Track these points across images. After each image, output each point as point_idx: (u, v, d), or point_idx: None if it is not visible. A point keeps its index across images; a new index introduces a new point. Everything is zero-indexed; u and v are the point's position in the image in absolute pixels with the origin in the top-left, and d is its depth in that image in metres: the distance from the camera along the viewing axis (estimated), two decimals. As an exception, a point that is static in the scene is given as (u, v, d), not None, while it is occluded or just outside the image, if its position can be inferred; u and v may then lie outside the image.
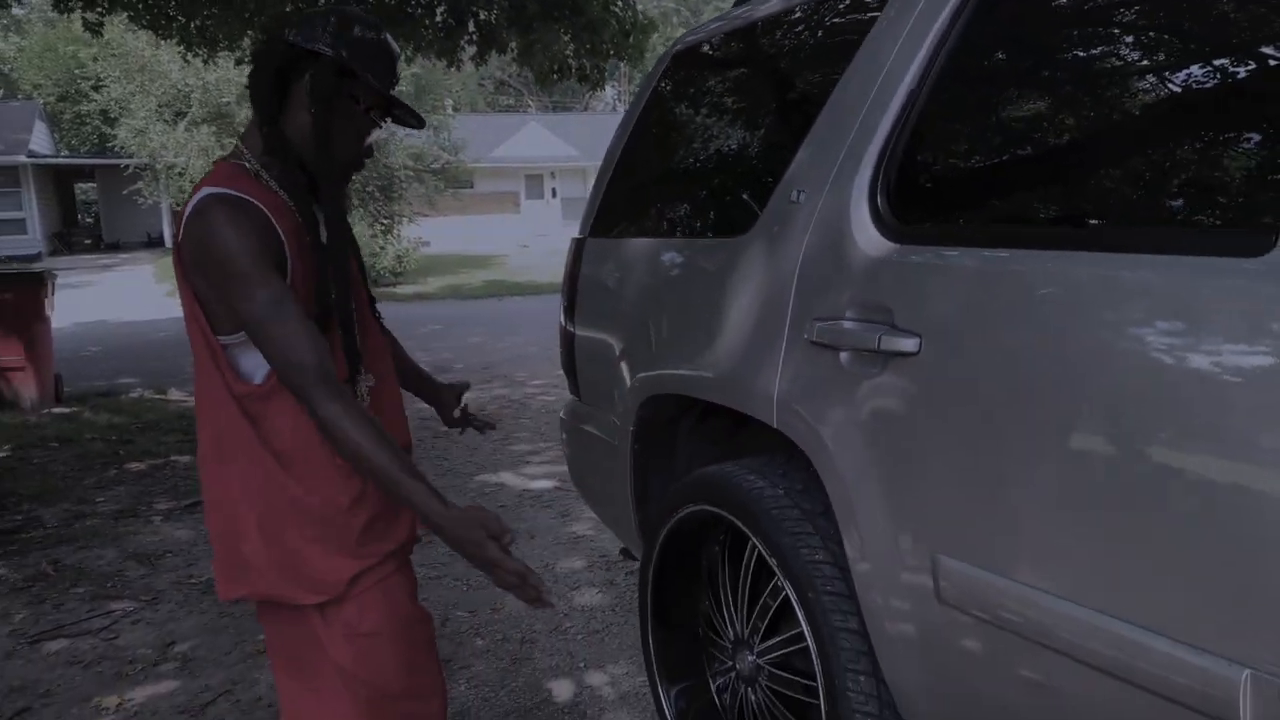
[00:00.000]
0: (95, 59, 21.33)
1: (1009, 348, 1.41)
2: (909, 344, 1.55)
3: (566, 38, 10.46)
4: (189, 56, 12.05)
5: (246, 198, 1.57)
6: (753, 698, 2.11)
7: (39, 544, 4.29)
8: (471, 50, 11.18)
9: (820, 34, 2.09)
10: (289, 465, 1.66)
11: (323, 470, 1.67)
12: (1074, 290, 1.32)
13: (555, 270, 16.00)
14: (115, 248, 27.97)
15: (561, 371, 2.87)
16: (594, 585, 3.68)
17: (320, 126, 1.64)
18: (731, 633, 2.17)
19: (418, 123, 1.83)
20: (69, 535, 4.41)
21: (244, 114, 17.02)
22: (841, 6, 2.06)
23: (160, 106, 17.59)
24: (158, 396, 8.01)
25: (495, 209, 29.34)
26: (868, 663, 1.77)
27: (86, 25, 10.84)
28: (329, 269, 1.67)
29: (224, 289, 1.56)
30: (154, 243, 27.52)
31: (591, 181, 2.83)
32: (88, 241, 28.74)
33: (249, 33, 10.59)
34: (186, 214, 1.59)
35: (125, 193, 22.22)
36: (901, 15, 1.76)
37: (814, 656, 1.82)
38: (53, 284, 7.74)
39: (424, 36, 10.94)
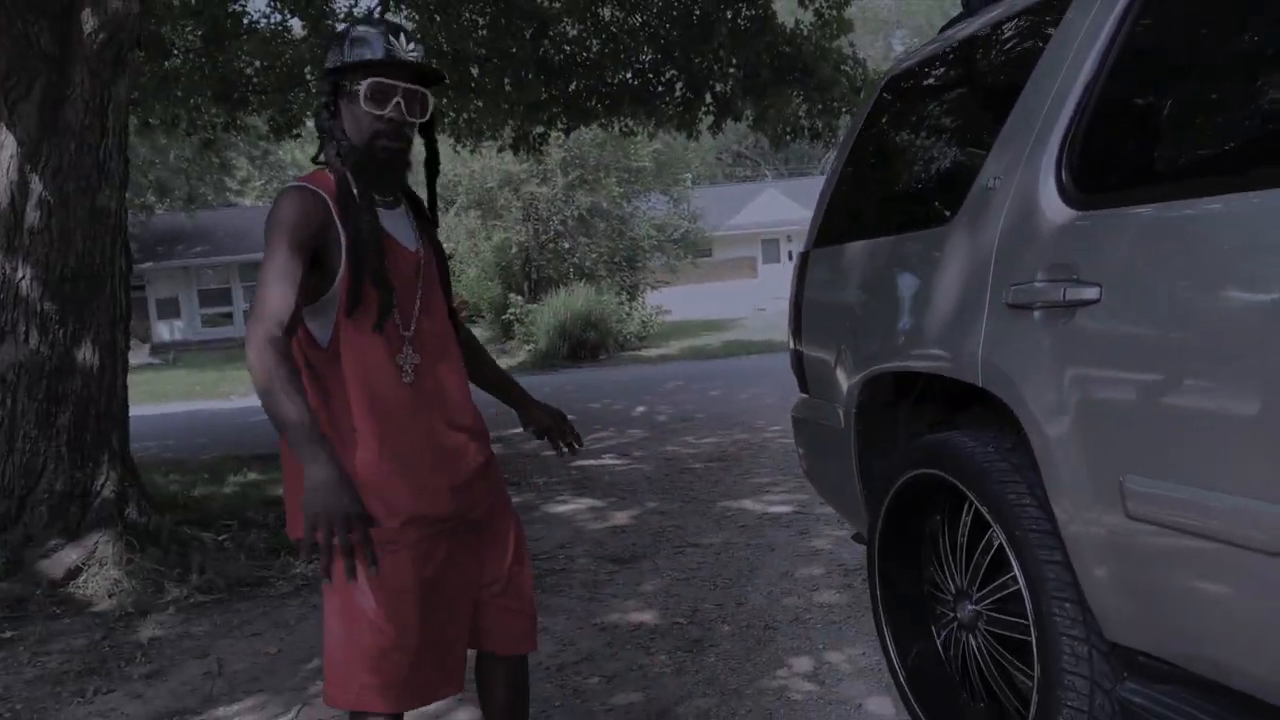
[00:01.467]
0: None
1: (1175, 286, 1.63)
2: (1091, 293, 1.79)
3: (799, 99, 10.88)
4: (458, 148, 13.51)
5: (309, 186, 1.87)
6: (973, 643, 2.32)
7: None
8: (709, 120, 11.84)
9: (1007, 49, 2.37)
10: (336, 422, 1.87)
11: (365, 433, 1.86)
12: (1225, 226, 1.54)
13: (793, 328, 16.33)
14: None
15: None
16: (832, 587, 3.92)
17: (322, 125, 1.94)
18: (952, 586, 2.40)
19: (424, 76, 1.92)
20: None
21: (504, 196, 18.69)
22: (1024, 24, 2.33)
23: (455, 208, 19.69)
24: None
25: (733, 275, 30.10)
26: (1072, 591, 1.96)
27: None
28: (354, 231, 1.86)
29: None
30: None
31: None
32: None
33: (510, 121, 11.79)
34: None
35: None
36: (1076, 23, 2.02)
37: (1024, 590, 2.03)
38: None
39: (665, 112, 11.72)
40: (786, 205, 31.44)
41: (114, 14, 4.46)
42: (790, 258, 31.10)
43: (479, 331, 21.45)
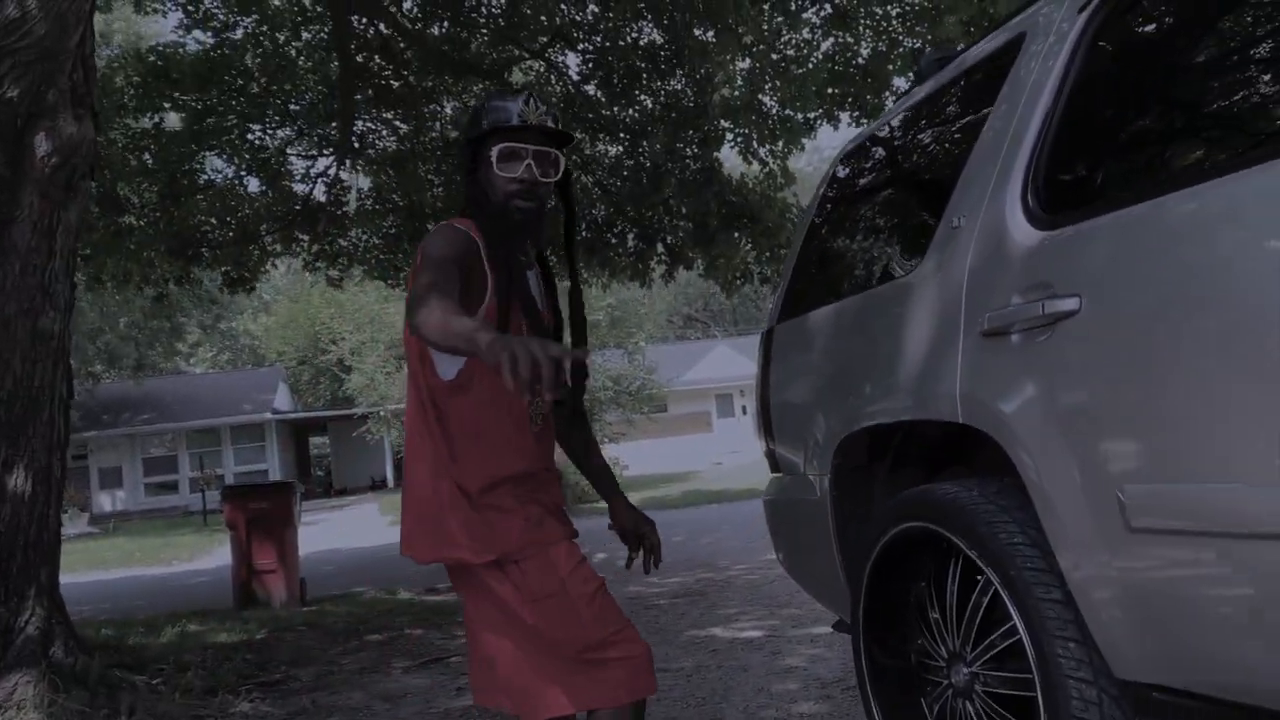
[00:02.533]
0: (332, 318, 24.14)
1: (1150, 284, 1.60)
2: (1070, 304, 1.75)
3: (747, 246, 11.17)
4: (413, 301, 13.57)
5: (460, 225, 2.02)
6: (970, 709, 2.16)
7: (296, 691, 4.70)
8: (661, 269, 12.08)
9: (961, 102, 2.43)
10: (455, 449, 1.99)
11: (483, 456, 2.00)
12: (1189, 221, 1.53)
13: (748, 479, 16.24)
14: (343, 493, 30.27)
15: (762, 556, 3.12)
16: (810, 699, 3.71)
17: (467, 189, 2.10)
18: (944, 651, 2.25)
19: (555, 138, 2.06)
20: (321, 685, 4.81)
21: (458, 353, 18.73)
22: (975, 79, 2.40)
23: (386, 350, 19.61)
24: (389, 595, 8.57)
25: (689, 429, 30.13)
26: (1075, 630, 1.84)
27: (329, 281, 12.44)
28: (502, 275, 2.00)
29: (414, 276, 1.89)
30: (377, 485, 29.64)
31: None
32: (319, 489, 31.29)
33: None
34: None
35: (354, 435, 24.40)
36: (1027, 68, 2.08)
37: (1024, 635, 1.91)
38: (299, 495, 8.63)
39: (618, 262, 11.95)
40: (738, 360, 31.84)
41: (68, 139, 4.47)
42: (744, 411, 31.30)
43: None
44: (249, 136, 10.77)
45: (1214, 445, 1.50)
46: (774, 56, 9.99)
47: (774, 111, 10.22)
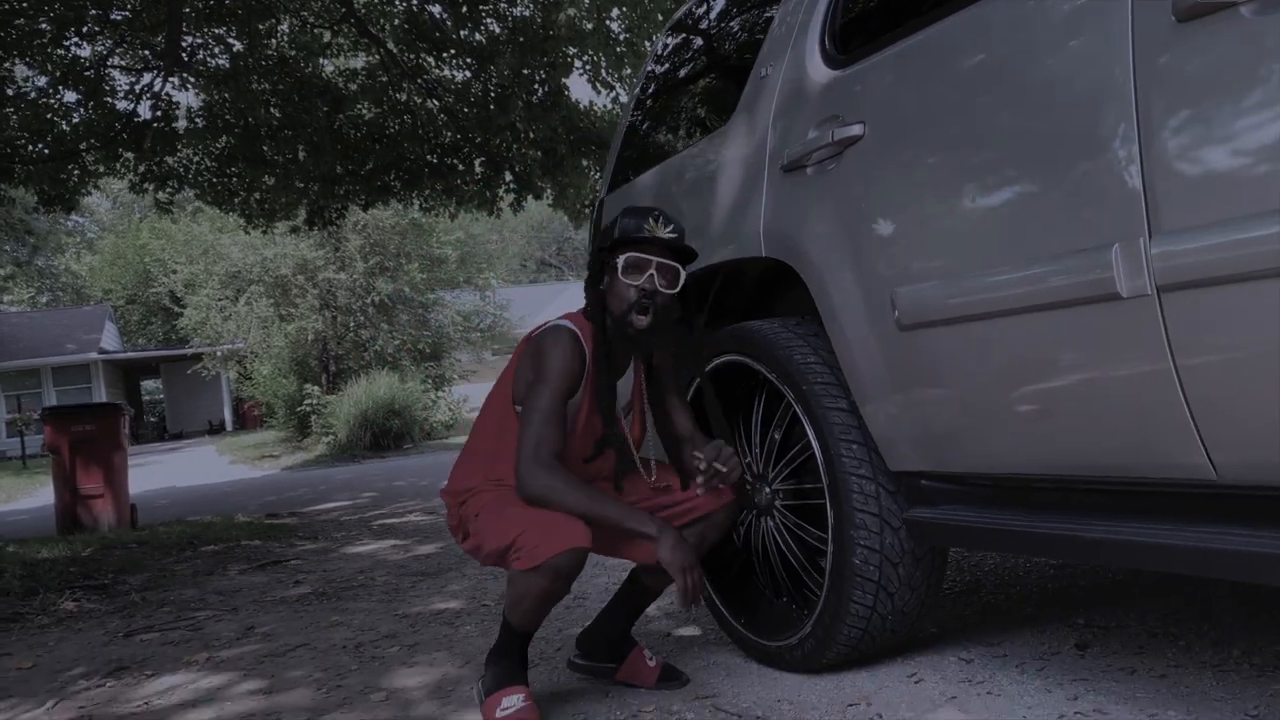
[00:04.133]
0: (162, 250, 22.99)
1: (923, 106, 1.79)
2: (855, 129, 1.93)
3: (596, 174, 11.23)
4: (249, 229, 13.05)
5: (578, 334, 2.19)
6: (770, 525, 2.36)
7: (125, 592, 4.60)
8: (510, 199, 12.00)
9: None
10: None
11: None
12: (950, 46, 1.71)
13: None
14: (179, 436, 29.02)
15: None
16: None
17: (590, 295, 2.25)
18: (750, 477, 2.44)
19: (677, 254, 2.19)
20: (153, 586, 4.72)
21: (299, 284, 18.13)
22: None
23: (222, 284, 18.80)
24: (226, 519, 8.39)
25: (540, 372, 30.18)
26: (857, 434, 2.05)
27: (158, 204, 11.85)
28: (597, 395, 2.20)
29: (532, 381, 2.16)
30: (216, 429, 28.52)
31: None
32: (152, 434, 29.88)
33: (304, 201, 11.55)
34: (547, 326, 2.25)
35: (189, 372, 23.40)
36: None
37: (814, 441, 2.11)
38: (128, 417, 8.29)
39: (465, 190, 11.81)
40: (590, 303, 32.00)
41: None
42: (595, 354, 31.50)
43: (272, 433, 20.45)
44: (64, 45, 10.05)
45: (973, 242, 1.69)
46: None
47: (621, 37, 10.25)
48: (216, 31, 10.82)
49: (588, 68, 10.38)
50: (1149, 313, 1.37)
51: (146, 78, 10.93)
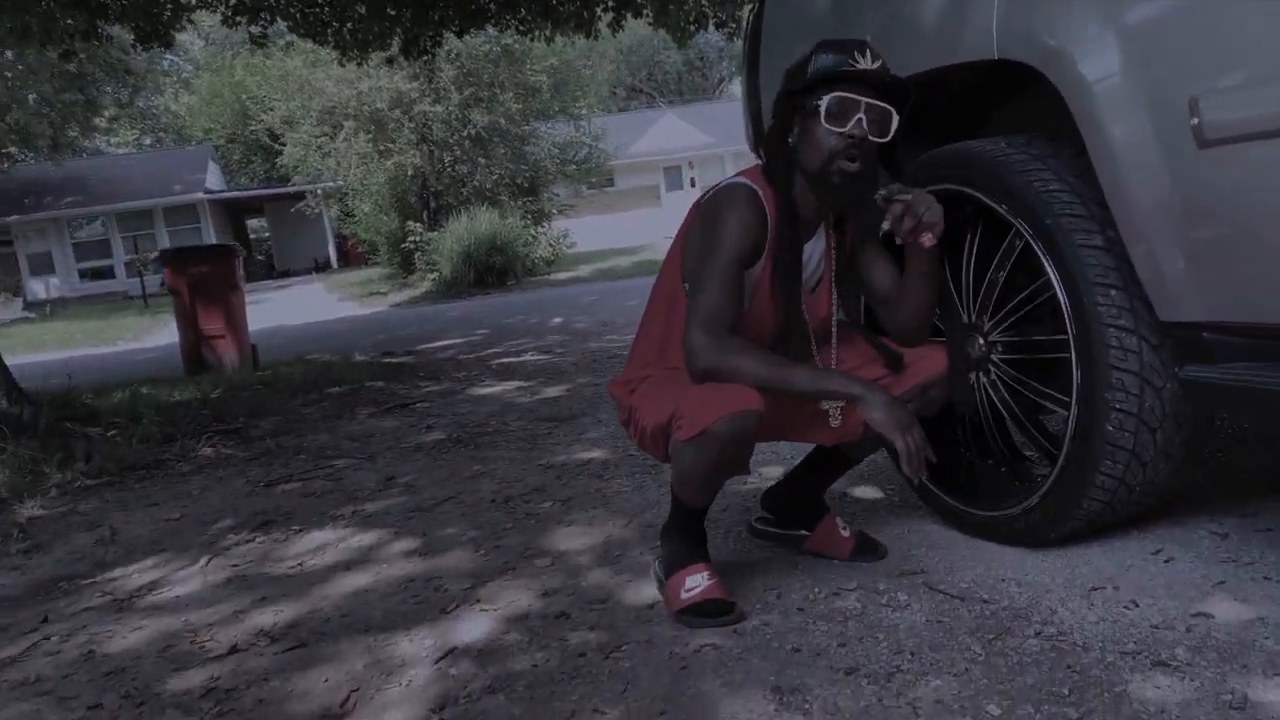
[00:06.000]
0: (258, 86, 22.82)
1: None
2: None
3: (701, -14, 10.48)
4: (343, 61, 12.68)
5: (758, 193, 1.85)
6: (985, 381, 2.05)
7: (258, 437, 4.59)
8: (608, 18, 11.32)
9: None
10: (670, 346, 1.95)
11: None
12: None
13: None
14: (286, 274, 29.67)
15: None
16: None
17: (772, 145, 1.89)
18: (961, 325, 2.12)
19: (890, 94, 1.79)
20: (285, 430, 4.70)
21: (395, 118, 17.84)
22: None
23: (319, 121, 18.61)
24: (343, 360, 8.44)
25: (636, 205, 29.63)
26: (1116, 276, 1.71)
27: (252, 39, 11.55)
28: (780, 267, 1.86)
29: (702, 248, 1.85)
30: (321, 267, 29.03)
31: (730, 166, 2.89)
32: (261, 271, 30.65)
33: (397, 30, 11.10)
34: (720, 185, 1.91)
35: (292, 210, 23.61)
36: None
37: (1058, 286, 1.77)
38: (241, 258, 8.29)
39: (561, 12, 11.18)
40: (687, 131, 31.04)
41: None
42: (693, 184, 30.85)
43: (376, 270, 20.62)
44: None
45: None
46: None
47: None
48: None
49: None
50: None
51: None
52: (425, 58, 13.15)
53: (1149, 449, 1.75)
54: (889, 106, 1.78)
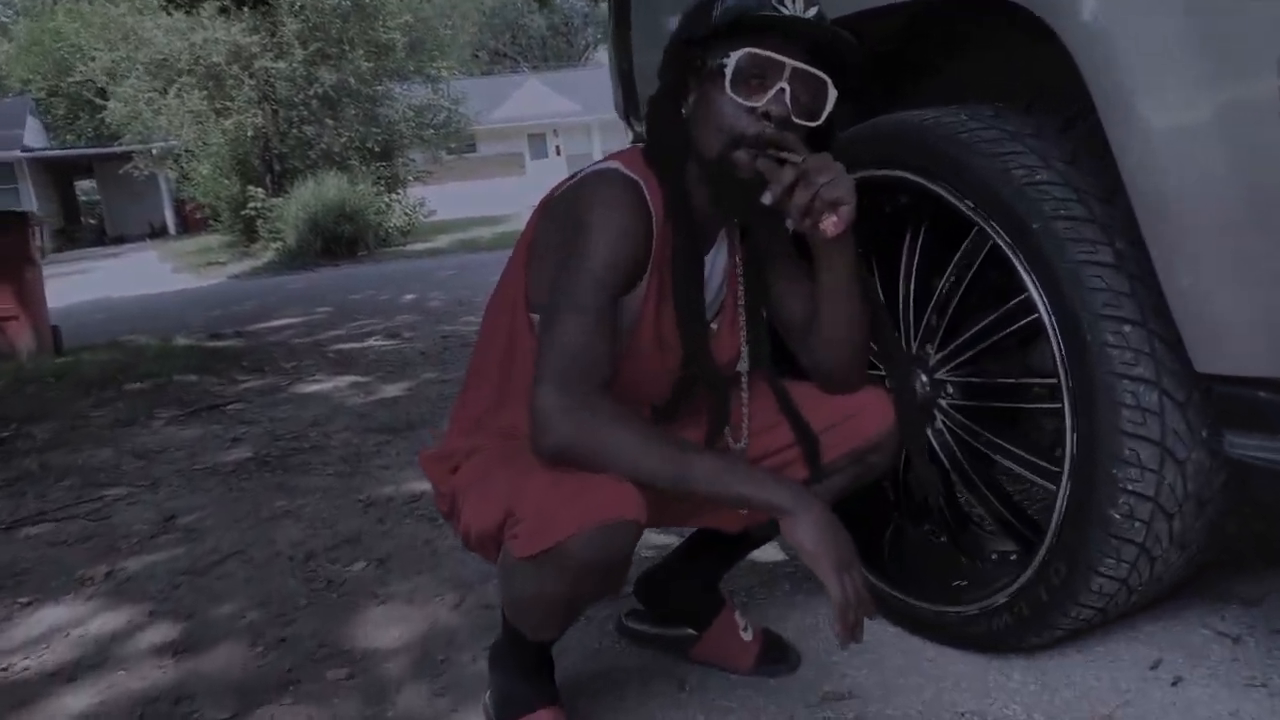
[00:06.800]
0: (77, 33, 20.79)
1: None
2: None
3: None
4: (170, 8, 11.45)
5: (640, 186, 1.26)
6: (929, 430, 1.56)
7: (24, 452, 3.78)
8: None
9: None
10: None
11: None
12: None
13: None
14: (120, 240, 27.49)
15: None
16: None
17: (657, 119, 1.32)
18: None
19: (824, 55, 1.23)
20: (60, 443, 3.89)
21: (234, 74, 16.47)
22: None
23: (149, 74, 17.01)
24: (162, 344, 7.49)
25: (500, 172, 28.63)
26: (1132, 306, 1.21)
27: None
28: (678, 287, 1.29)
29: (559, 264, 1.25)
30: (158, 233, 26.99)
31: (596, 136, 2.30)
32: (91, 236, 28.33)
33: (232, -28, 10.04)
34: (584, 173, 1.32)
35: (121, 172, 21.67)
36: None
37: (1045, 314, 1.27)
38: (40, 228, 7.23)
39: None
40: (552, 97, 30.20)
41: None
42: (559, 152, 30.10)
43: (217, 238, 19.17)
44: None
45: None
46: None
47: None
48: None
49: None
50: None
51: None
52: (264, 8, 12.08)
53: (1163, 541, 1.28)
54: (824, 75, 1.22)
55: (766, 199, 1.20)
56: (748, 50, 1.19)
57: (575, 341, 1.16)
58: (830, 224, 1.21)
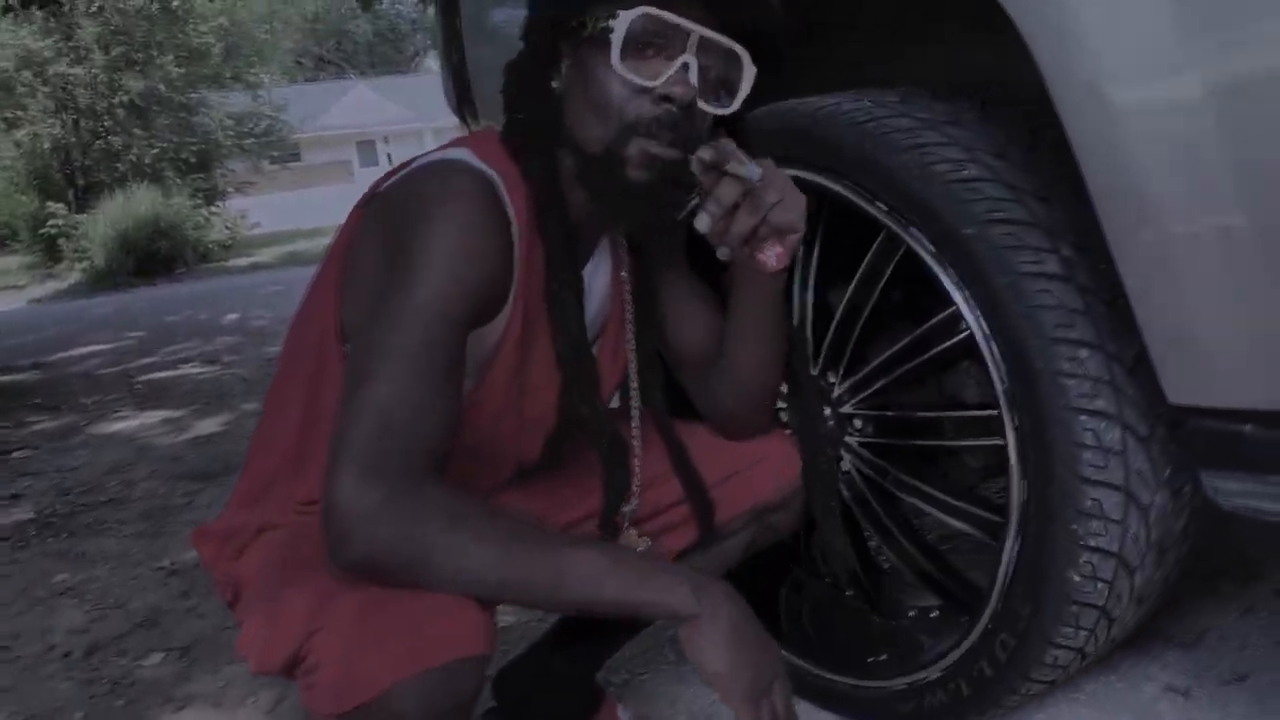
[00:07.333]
0: None
1: None
2: None
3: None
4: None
5: (494, 189, 0.95)
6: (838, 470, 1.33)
7: None
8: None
9: None
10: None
11: None
12: None
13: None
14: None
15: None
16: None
17: (518, 100, 1.02)
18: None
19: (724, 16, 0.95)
20: None
21: (25, 81, 15.13)
22: None
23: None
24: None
25: (327, 180, 27.45)
26: (1089, 329, 1.01)
27: None
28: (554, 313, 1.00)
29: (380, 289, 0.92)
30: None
31: (430, 143, 2.02)
32: None
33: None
34: (416, 165, 1.01)
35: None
36: None
37: (981, 338, 1.05)
38: None
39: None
40: (380, 104, 29.33)
41: None
42: (390, 160, 29.21)
43: (16, 259, 17.64)
44: None
45: None
46: None
47: None
48: None
49: None
50: None
51: None
52: (54, 8, 11.08)
53: (1123, 599, 1.08)
54: (737, 47, 0.96)
55: (703, 225, 0.93)
56: (645, 10, 0.91)
57: (389, 405, 0.84)
58: (774, 255, 0.97)
